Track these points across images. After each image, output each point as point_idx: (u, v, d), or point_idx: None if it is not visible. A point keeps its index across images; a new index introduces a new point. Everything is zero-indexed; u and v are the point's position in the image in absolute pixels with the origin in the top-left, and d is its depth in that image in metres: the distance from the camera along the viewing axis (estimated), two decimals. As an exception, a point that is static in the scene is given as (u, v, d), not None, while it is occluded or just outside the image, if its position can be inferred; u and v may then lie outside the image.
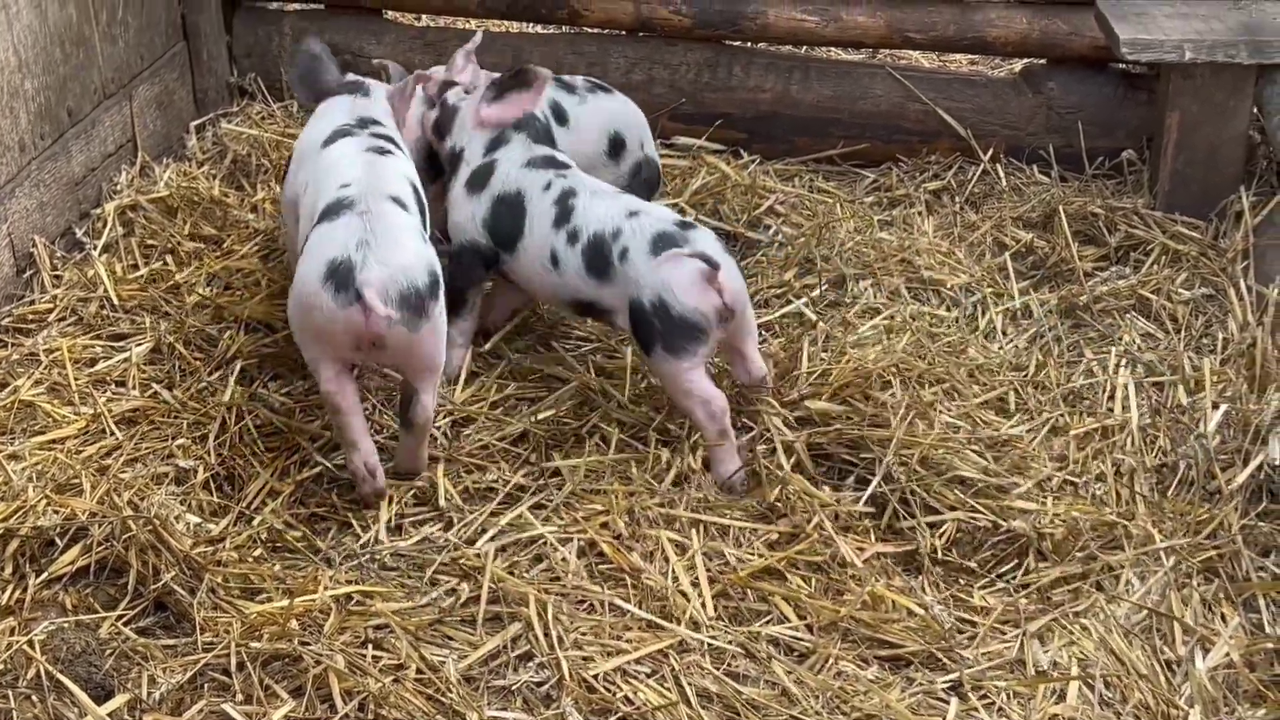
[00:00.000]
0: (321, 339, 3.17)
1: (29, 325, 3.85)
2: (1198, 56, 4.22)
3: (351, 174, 3.30)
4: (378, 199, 3.21)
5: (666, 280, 3.34)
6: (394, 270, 3.10)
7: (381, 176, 3.32)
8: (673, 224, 3.44)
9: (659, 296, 3.35)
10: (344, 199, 3.21)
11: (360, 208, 3.17)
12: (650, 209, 3.53)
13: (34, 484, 3.20)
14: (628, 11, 4.79)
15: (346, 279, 3.08)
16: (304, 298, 3.15)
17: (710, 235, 3.46)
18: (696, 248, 3.35)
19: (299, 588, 3.01)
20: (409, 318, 3.11)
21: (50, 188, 4.06)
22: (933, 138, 4.79)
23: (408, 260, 3.13)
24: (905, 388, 3.59)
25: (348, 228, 3.14)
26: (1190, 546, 3.19)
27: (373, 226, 3.14)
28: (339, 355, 3.20)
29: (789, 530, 3.21)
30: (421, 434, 3.32)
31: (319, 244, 3.16)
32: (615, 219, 3.47)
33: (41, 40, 3.99)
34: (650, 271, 3.37)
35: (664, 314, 3.34)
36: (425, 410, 3.26)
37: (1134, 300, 4.06)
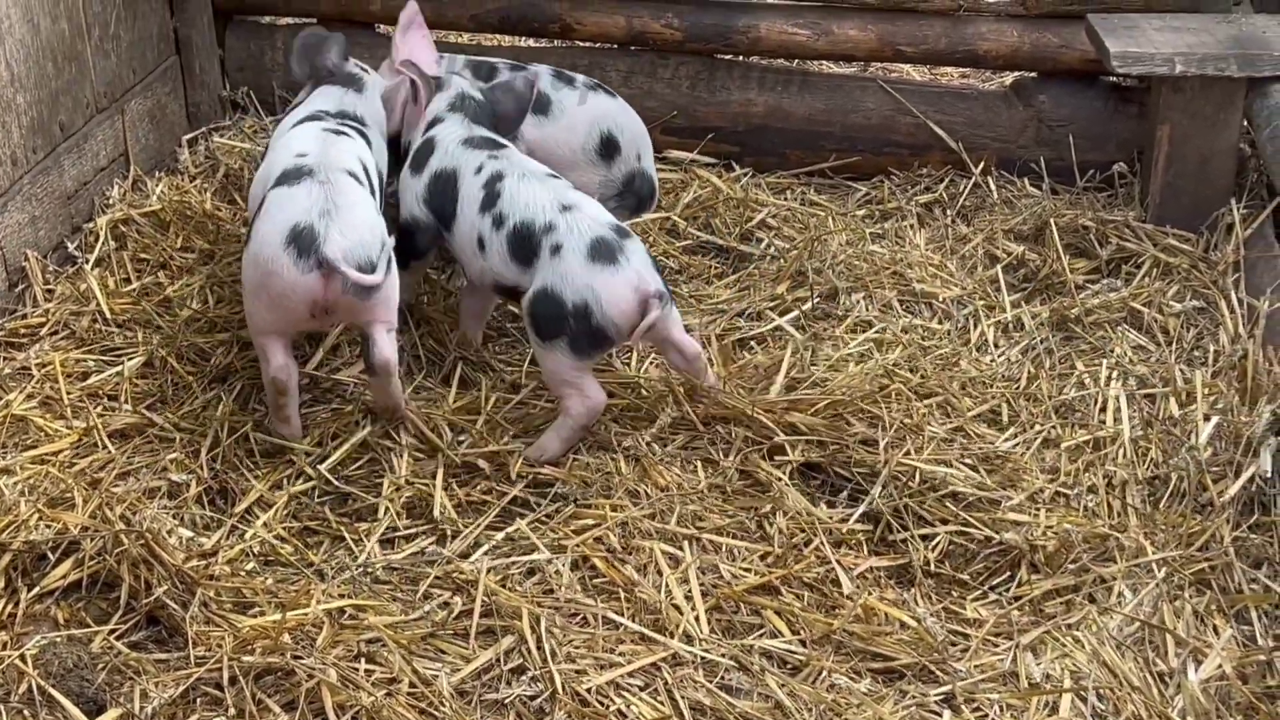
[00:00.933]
0: (275, 303, 3.26)
1: (21, 339, 3.85)
2: (1188, 70, 4.24)
3: (307, 146, 3.44)
4: (335, 171, 3.34)
5: (597, 290, 3.37)
6: (353, 242, 3.22)
7: (335, 151, 3.45)
8: (610, 229, 3.45)
9: (584, 301, 3.37)
10: (303, 167, 3.33)
11: (320, 177, 3.29)
12: (582, 204, 3.53)
13: (26, 498, 3.20)
14: (620, 25, 4.80)
15: (309, 245, 3.19)
16: (264, 261, 3.23)
17: (642, 249, 3.47)
18: (632, 263, 3.38)
19: (291, 601, 3.01)
20: (361, 289, 3.22)
21: (42, 202, 4.06)
22: (924, 150, 4.80)
23: (364, 234, 3.25)
24: (899, 401, 3.60)
25: (309, 195, 3.26)
26: (1182, 558, 3.19)
27: (333, 197, 3.25)
28: (290, 322, 3.31)
29: (785, 547, 3.21)
30: (385, 375, 3.38)
31: (279, 206, 3.25)
32: (548, 211, 3.49)
33: (34, 54, 3.99)
34: (583, 274, 3.39)
35: (583, 318, 3.38)
36: (382, 352, 3.34)
37: (1125, 313, 4.07)
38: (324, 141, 3.49)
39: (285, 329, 3.35)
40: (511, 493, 3.35)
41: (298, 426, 3.47)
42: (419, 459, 3.44)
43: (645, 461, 3.44)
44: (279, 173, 3.36)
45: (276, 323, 3.31)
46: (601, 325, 3.38)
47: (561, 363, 3.43)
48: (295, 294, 3.23)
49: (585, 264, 3.39)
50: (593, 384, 3.47)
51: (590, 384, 3.46)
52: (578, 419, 3.46)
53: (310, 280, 3.21)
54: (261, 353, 3.38)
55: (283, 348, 3.35)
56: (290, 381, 3.38)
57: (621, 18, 4.79)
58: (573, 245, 3.42)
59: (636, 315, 3.37)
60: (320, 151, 3.42)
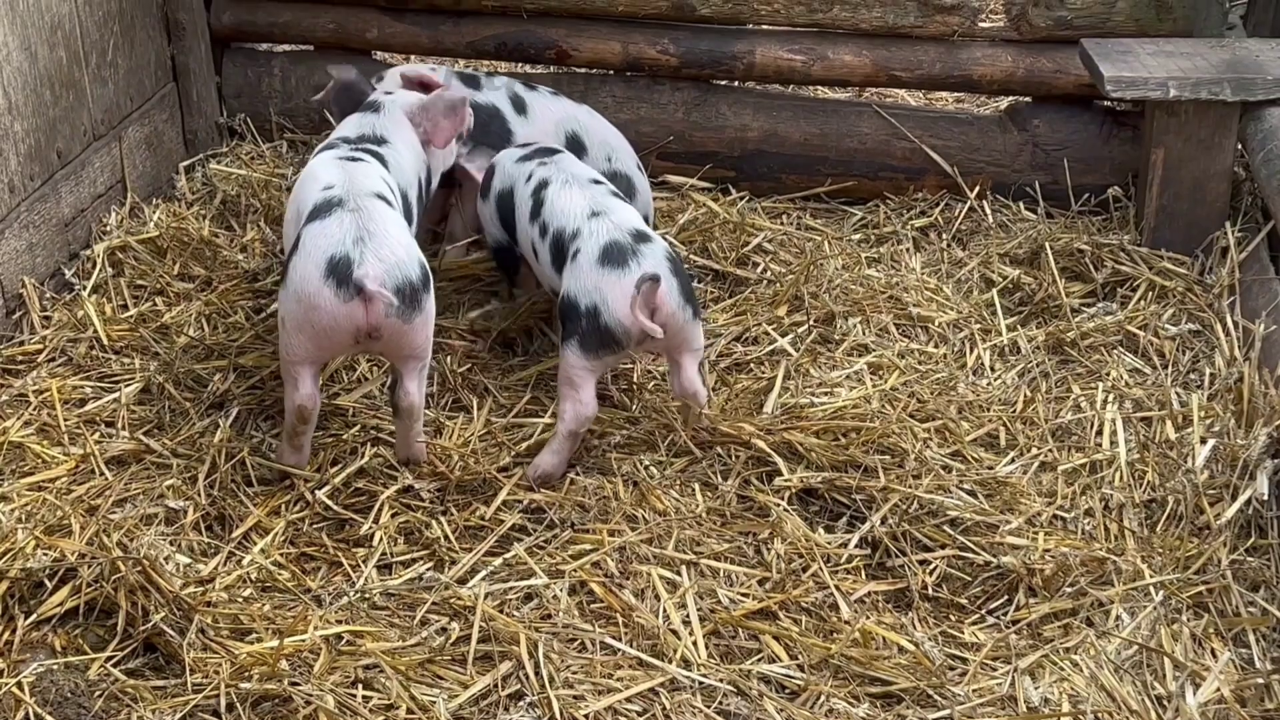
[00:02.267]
0: (321, 335, 3.27)
1: (18, 366, 3.85)
2: (1182, 94, 4.25)
3: (331, 177, 3.44)
4: (364, 196, 3.35)
5: (604, 292, 3.44)
6: (390, 265, 3.23)
7: (360, 177, 3.45)
8: (628, 233, 3.52)
9: (594, 303, 3.45)
10: (331, 198, 3.34)
11: (350, 205, 3.30)
12: (613, 210, 3.61)
13: (23, 525, 3.19)
14: (615, 51, 4.82)
15: (346, 274, 3.20)
16: (305, 296, 3.24)
17: (662, 250, 3.53)
18: (645, 264, 3.44)
19: (289, 628, 3.01)
20: (403, 309, 3.24)
21: (40, 229, 4.06)
22: (919, 175, 4.81)
23: (401, 255, 3.27)
24: (897, 426, 3.60)
25: (341, 224, 3.27)
26: (1180, 582, 3.19)
27: (365, 224, 3.27)
28: (333, 351, 3.35)
29: (783, 572, 3.20)
30: (409, 419, 3.43)
31: (314, 241, 3.26)
32: (578, 218, 3.62)
33: (31, 82, 4.00)
34: (592, 276, 3.47)
35: (593, 317, 3.44)
36: (409, 395, 3.40)
37: (1121, 336, 4.08)
38: (346, 170, 3.48)
39: (325, 358, 3.38)
40: (509, 519, 3.35)
41: (306, 456, 3.48)
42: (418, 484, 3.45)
43: (643, 486, 3.44)
44: (310, 209, 3.35)
45: (316, 353, 3.33)
46: (609, 325, 3.43)
47: (571, 361, 3.48)
48: (339, 324, 3.24)
49: (595, 267, 3.47)
50: (590, 391, 3.50)
51: (588, 391, 3.50)
52: (568, 424, 3.50)
53: (353, 308, 3.22)
54: (291, 380, 3.37)
55: (312, 377, 3.36)
56: (313, 412, 3.39)
57: (617, 43, 4.81)
58: (588, 250, 3.50)
59: (645, 315, 3.40)
60: (345, 180, 3.41)
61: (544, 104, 4.35)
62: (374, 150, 3.66)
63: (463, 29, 4.86)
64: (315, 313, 3.24)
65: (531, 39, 4.84)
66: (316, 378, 3.38)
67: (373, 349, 3.38)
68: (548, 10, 4.80)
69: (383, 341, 3.31)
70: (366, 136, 3.73)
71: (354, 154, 3.61)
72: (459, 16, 4.86)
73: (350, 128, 3.78)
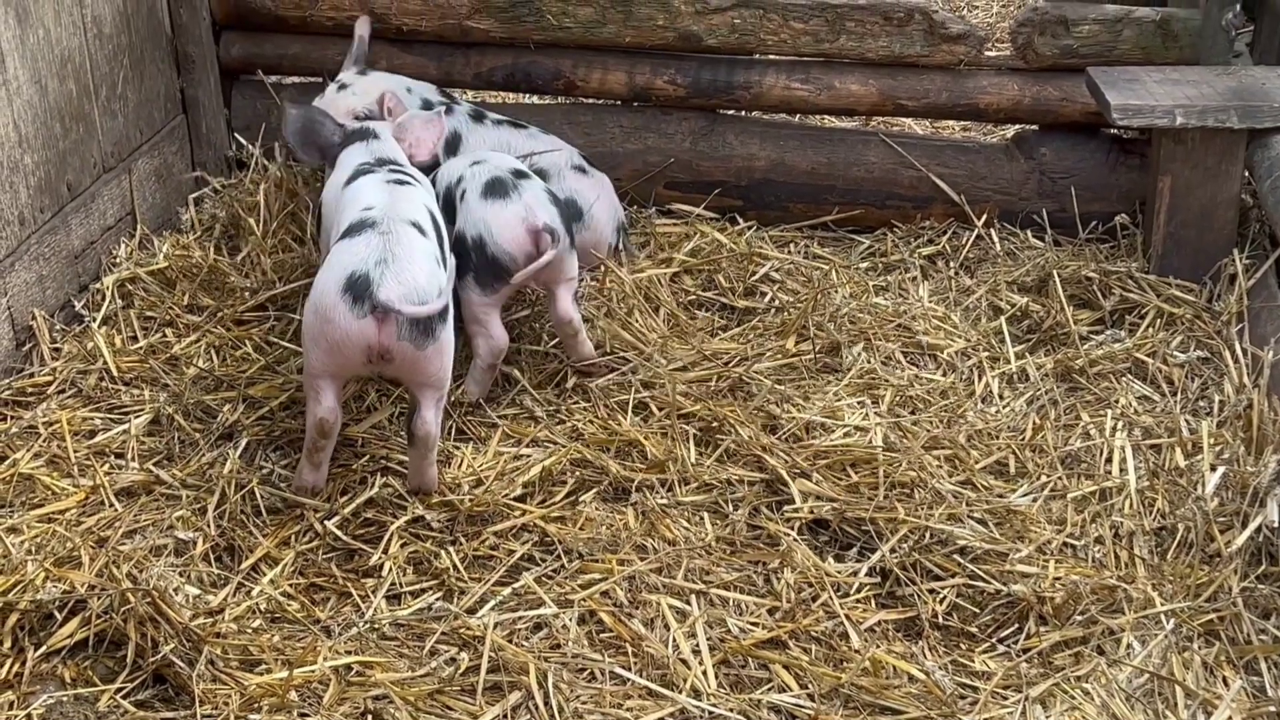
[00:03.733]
0: (334, 349, 3.31)
1: (28, 398, 3.86)
2: (1189, 121, 4.26)
3: (374, 199, 3.52)
4: (398, 222, 3.41)
5: (488, 221, 3.74)
6: (408, 290, 3.27)
7: (403, 202, 3.52)
8: (509, 171, 3.85)
9: (480, 234, 3.74)
10: (366, 219, 3.41)
11: (382, 228, 3.37)
12: (491, 158, 3.97)
13: (33, 557, 3.20)
14: (622, 82, 4.84)
15: (364, 292, 3.25)
16: (322, 308, 3.30)
17: (539, 185, 3.85)
18: (524, 198, 3.75)
19: (298, 658, 3.01)
20: (418, 336, 3.29)
21: (50, 261, 4.08)
22: (927, 203, 4.82)
23: (421, 282, 3.30)
24: (907, 456, 3.60)
25: (368, 244, 3.33)
26: (1191, 609, 3.18)
27: (392, 247, 3.33)
28: (347, 368, 3.36)
29: (794, 601, 3.20)
30: (424, 448, 3.44)
31: (339, 257, 3.35)
32: (459, 169, 3.93)
33: (41, 115, 4.03)
34: (478, 209, 3.78)
35: (480, 250, 3.74)
36: (425, 424, 3.41)
37: (1130, 363, 4.08)
38: (391, 193, 3.56)
39: (341, 374, 3.40)
40: (518, 549, 3.35)
41: (324, 476, 3.51)
42: (428, 514, 3.45)
43: (652, 515, 3.44)
44: (345, 226, 3.43)
45: (332, 367, 3.36)
46: (495, 255, 3.73)
47: (471, 299, 3.77)
48: (351, 340, 3.28)
49: (480, 201, 3.79)
50: (498, 325, 3.80)
51: (495, 325, 3.80)
52: (484, 359, 3.80)
53: (365, 325, 3.26)
54: (313, 394, 3.40)
55: (334, 392, 3.39)
56: (334, 427, 3.42)
57: (624, 74, 4.83)
58: (473, 188, 3.83)
59: (529, 245, 3.72)
60: (388, 204, 3.48)
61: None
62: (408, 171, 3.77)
63: (470, 60, 4.88)
64: (329, 326, 3.28)
65: (539, 70, 4.86)
66: (338, 393, 3.40)
67: (386, 372, 3.40)
68: (555, 41, 4.82)
69: (395, 365, 3.33)
70: (384, 161, 3.78)
71: (401, 177, 3.68)
72: (467, 48, 4.88)
73: (364, 154, 3.81)
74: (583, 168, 4.49)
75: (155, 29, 4.68)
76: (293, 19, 4.87)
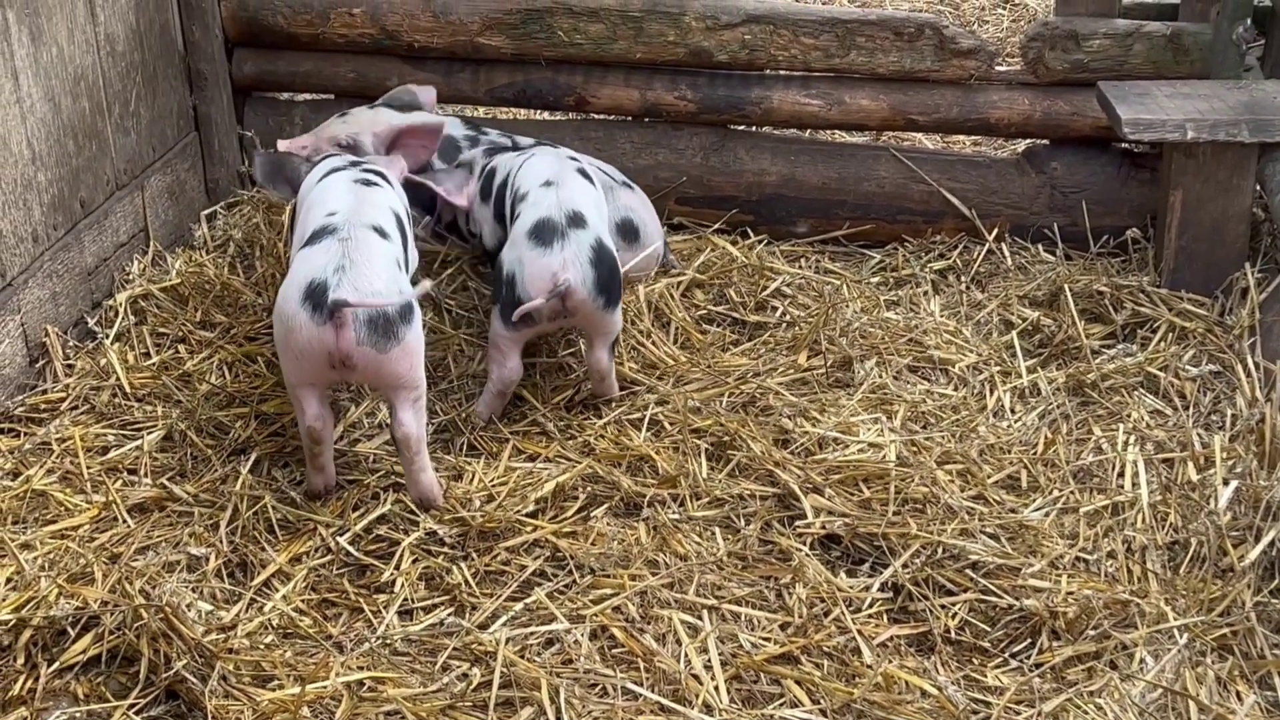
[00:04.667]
0: (299, 358, 3.37)
1: (41, 414, 3.87)
2: (1200, 135, 4.26)
3: (338, 203, 3.56)
4: (359, 227, 3.46)
5: (523, 263, 3.68)
6: (364, 294, 3.31)
7: (366, 206, 3.58)
8: (565, 214, 3.72)
9: (512, 272, 3.70)
10: (328, 225, 3.46)
11: (342, 234, 3.42)
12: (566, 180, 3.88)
13: (46, 573, 3.21)
14: (633, 98, 4.85)
15: (321, 299, 3.29)
16: (285, 317, 3.37)
17: (588, 241, 3.71)
18: (565, 251, 3.65)
19: (311, 674, 3.01)
20: (378, 339, 3.32)
21: (63, 278, 4.09)
22: (937, 218, 4.82)
23: (379, 286, 3.34)
24: (919, 470, 3.60)
25: (327, 252, 3.38)
26: (1204, 624, 3.18)
27: (350, 253, 3.37)
28: (317, 375, 3.39)
29: (805, 616, 3.20)
30: (408, 451, 3.47)
31: (300, 266, 3.41)
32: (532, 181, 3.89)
33: (55, 133, 4.04)
34: (520, 245, 3.71)
35: (510, 287, 3.70)
36: (403, 426, 3.43)
37: (1142, 377, 4.07)
38: (355, 195, 3.61)
39: (314, 381, 3.42)
40: (530, 565, 3.36)
41: (332, 475, 3.55)
42: (440, 529, 3.45)
43: (664, 530, 3.44)
44: (309, 233, 3.49)
45: (304, 375, 3.40)
46: (521, 299, 3.66)
47: (496, 328, 3.77)
48: (313, 347, 3.33)
49: (524, 239, 3.71)
50: (515, 359, 3.79)
51: (513, 357, 3.78)
52: (493, 385, 3.81)
53: (324, 333, 3.30)
54: (297, 404, 3.45)
55: (316, 398, 3.43)
56: (325, 430, 3.45)
57: (635, 90, 4.84)
58: (524, 220, 3.76)
59: (556, 301, 3.65)
60: (351, 207, 3.54)
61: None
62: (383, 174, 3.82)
63: (482, 77, 4.90)
64: (292, 335, 3.34)
65: (550, 86, 4.87)
66: (321, 398, 3.44)
67: (353, 378, 3.45)
68: (566, 57, 4.83)
69: (359, 371, 3.37)
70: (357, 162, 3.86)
71: (369, 177, 3.74)
72: (478, 64, 4.89)
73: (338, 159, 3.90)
74: (629, 184, 4.51)
75: (168, 46, 4.70)
76: (305, 36, 4.89)
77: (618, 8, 4.75)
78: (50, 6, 4.00)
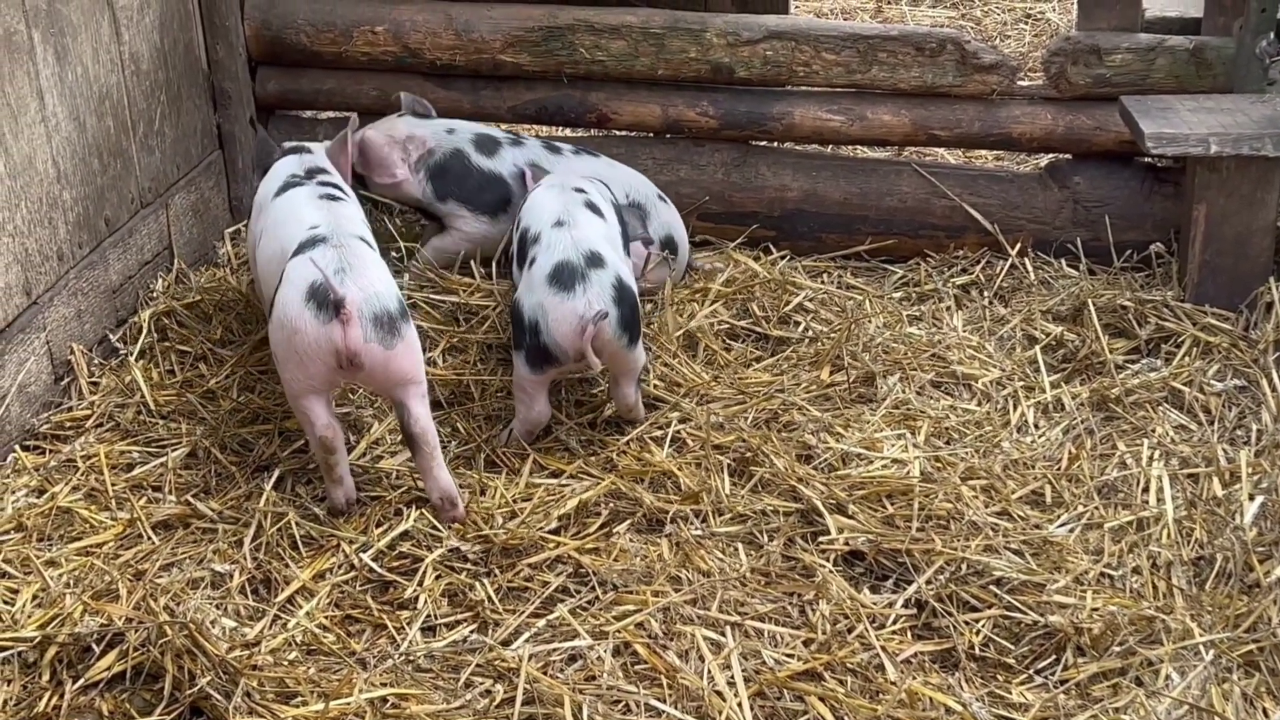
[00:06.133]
0: (304, 360, 3.38)
1: (66, 432, 3.89)
2: (1223, 150, 4.25)
3: (317, 218, 3.62)
4: (347, 237, 3.53)
5: (546, 309, 3.64)
6: (368, 294, 3.38)
7: (344, 220, 3.64)
8: (583, 255, 3.69)
9: (536, 319, 3.65)
10: (316, 236, 3.52)
11: (334, 242, 3.49)
12: (580, 223, 3.82)
13: (71, 590, 3.22)
14: (655, 114, 4.86)
15: (325, 298, 3.34)
16: (287, 321, 3.39)
17: (609, 281, 3.67)
18: (587, 293, 3.62)
19: (334, 691, 3.01)
20: (384, 336, 3.37)
21: (88, 296, 4.11)
22: (960, 233, 4.82)
23: (380, 287, 3.42)
24: (943, 486, 3.59)
25: (324, 256, 3.43)
26: (1230, 640, 3.16)
27: (347, 258, 3.43)
28: (323, 379, 3.42)
29: (829, 633, 3.19)
30: (425, 446, 3.49)
31: (298, 272, 3.43)
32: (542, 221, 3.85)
33: (80, 152, 4.07)
34: (540, 291, 3.67)
35: (534, 334, 3.66)
36: (417, 421, 3.46)
37: (1166, 392, 4.06)
38: (330, 211, 3.68)
39: (319, 387, 3.44)
40: (553, 581, 3.36)
41: (351, 487, 3.57)
42: (463, 546, 3.45)
43: (687, 546, 3.44)
44: (295, 246, 3.52)
45: (309, 381, 3.42)
46: (548, 345, 3.64)
47: (520, 373, 3.74)
48: (320, 347, 3.35)
49: (544, 284, 3.66)
50: (542, 402, 3.77)
51: (540, 401, 3.76)
52: (519, 426, 3.80)
53: (331, 329, 3.34)
54: (304, 417, 3.47)
55: (324, 407, 3.46)
56: (336, 439, 3.48)
57: (657, 106, 4.85)
58: (541, 264, 3.70)
59: (581, 342, 3.61)
60: (330, 221, 3.60)
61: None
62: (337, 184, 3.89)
63: (504, 94, 4.91)
64: (297, 336, 3.36)
65: (572, 103, 4.88)
66: (328, 406, 3.47)
67: (359, 378, 3.47)
68: (588, 74, 4.84)
69: (368, 370, 3.40)
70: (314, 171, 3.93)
71: (332, 192, 3.81)
72: (500, 81, 4.91)
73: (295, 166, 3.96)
74: (663, 196, 4.56)
75: (192, 65, 4.72)
76: (327, 54, 4.91)
77: (639, 24, 4.76)
78: (76, 26, 4.02)
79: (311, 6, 4.90)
